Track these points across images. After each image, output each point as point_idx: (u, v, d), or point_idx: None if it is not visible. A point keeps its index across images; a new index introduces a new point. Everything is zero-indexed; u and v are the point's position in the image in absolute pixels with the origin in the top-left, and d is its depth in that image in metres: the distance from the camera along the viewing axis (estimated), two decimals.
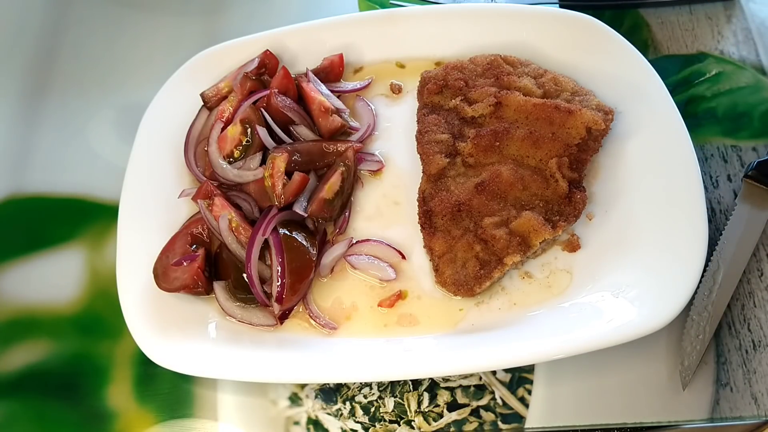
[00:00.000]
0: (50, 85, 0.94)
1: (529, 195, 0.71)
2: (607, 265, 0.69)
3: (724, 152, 0.78)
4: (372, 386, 0.69)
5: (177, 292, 0.71)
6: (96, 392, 0.71)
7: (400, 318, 0.70)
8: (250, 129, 0.78)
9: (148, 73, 0.93)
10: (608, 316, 0.64)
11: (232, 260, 0.73)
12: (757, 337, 0.67)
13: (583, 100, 0.75)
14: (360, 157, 0.78)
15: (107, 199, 0.83)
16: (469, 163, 0.74)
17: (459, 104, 0.77)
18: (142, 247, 0.74)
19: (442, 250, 0.70)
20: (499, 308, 0.69)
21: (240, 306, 0.71)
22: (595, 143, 0.73)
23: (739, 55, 0.85)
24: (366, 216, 0.77)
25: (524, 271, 0.71)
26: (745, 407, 0.65)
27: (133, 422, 0.70)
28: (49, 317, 0.76)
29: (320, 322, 0.70)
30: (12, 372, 0.74)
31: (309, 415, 0.68)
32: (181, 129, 0.82)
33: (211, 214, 0.74)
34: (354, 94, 0.84)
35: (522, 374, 0.68)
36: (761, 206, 0.71)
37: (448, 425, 0.67)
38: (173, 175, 0.80)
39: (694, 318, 0.67)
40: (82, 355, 0.74)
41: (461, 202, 0.71)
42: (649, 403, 0.65)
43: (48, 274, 0.79)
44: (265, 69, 0.83)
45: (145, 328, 0.69)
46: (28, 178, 0.87)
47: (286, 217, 0.73)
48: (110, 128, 0.90)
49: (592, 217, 0.73)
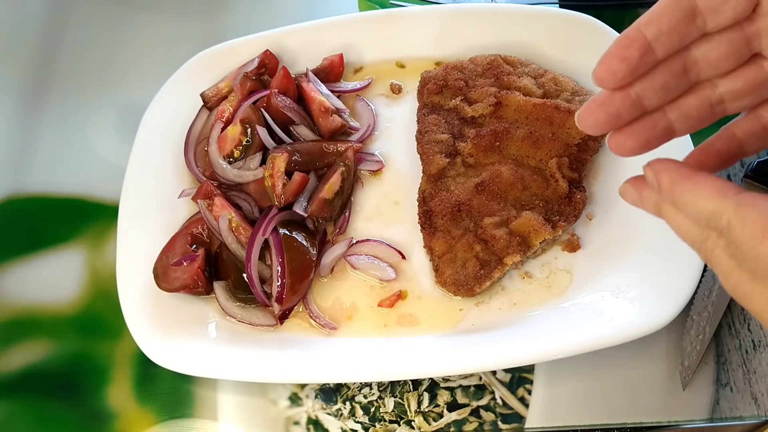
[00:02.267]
0: (50, 84, 0.94)
1: (529, 195, 0.71)
2: (607, 265, 0.69)
3: None
4: (372, 386, 0.69)
5: (177, 292, 0.71)
6: (96, 392, 0.72)
7: (400, 318, 0.70)
8: (250, 129, 0.78)
9: (148, 72, 0.93)
10: (608, 316, 0.64)
11: (232, 260, 0.73)
12: (757, 337, 0.67)
13: (583, 100, 0.75)
14: (360, 157, 0.78)
15: (107, 199, 0.83)
16: (469, 163, 0.74)
17: (459, 104, 0.77)
18: (142, 247, 0.74)
19: (442, 250, 0.70)
20: (499, 308, 0.69)
21: (240, 306, 0.71)
22: (595, 143, 0.74)
23: None
24: (366, 216, 0.77)
25: (524, 271, 0.71)
26: (745, 407, 0.65)
27: (133, 422, 0.70)
28: (49, 317, 0.76)
29: (320, 322, 0.70)
30: (12, 372, 0.74)
31: (309, 415, 0.68)
32: (181, 129, 0.82)
33: (211, 214, 0.74)
34: (354, 94, 0.84)
35: (522, 374, 0.68)
36: None
37: (448, 425, 0.67)
38: (173, 175, 0.80)
39: (694, 318, 0.67)
40: (82, 355, 0.74)
41: (461, 202, 0.71)
42: (649, 403, 0.65)
43: (48, 274, 0.79)
44: (265, 69, 0.83)
45: (145, 328, 0.69)
46: (28, 178, 0.87)
47: (286, 217, 0.74)
48: (110, 128, 0.89)
49: (592, 217, 0.73)
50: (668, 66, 0.48)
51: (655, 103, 0.49)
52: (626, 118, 0.49)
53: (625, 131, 0.50)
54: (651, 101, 0.49)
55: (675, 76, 0.48)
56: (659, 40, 0.46)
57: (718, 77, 0.49)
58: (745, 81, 0.48)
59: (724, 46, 0.47)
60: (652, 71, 0.48)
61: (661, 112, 0.50)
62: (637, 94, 0.48)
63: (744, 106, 0.50)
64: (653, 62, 0.47)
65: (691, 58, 0.48)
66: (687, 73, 0.49)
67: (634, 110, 0.49)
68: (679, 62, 0.48)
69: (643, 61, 0.47)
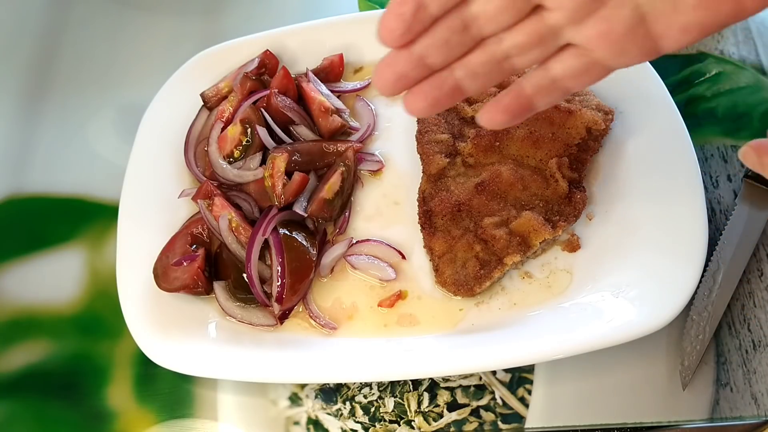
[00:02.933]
0: (50, 84, 0.94)
1: (529, 195, 0.71)
2: (607, 265, 0.69)
3: (724, 152, 0.78)
4: (372, 386, 0.69)
5: (177, 292, 0.71)
6: (96, 392, 0.72)
7: (400, 318, 0.70)
8: (250, 129, 0.78)
9: (148, 72, 0.92)
10: (608, 316, 0.64)
11: (232, 260, 0.73)
12: (757, 337, 0.67)
13: (583, 100, 0.75)
14: (360, 157, 0.78)
15: (107, 199, 0.83)
16: (469, 163, 0.74)
17: (459, 104, 0.77)
18: (142, 247, 0.74)
19: (442, 250, 0.70)
20: (499, 308, 0.69)
21: (240, 306, 0.71)
22: (595, 143, 0.73)
23: (739, 55, 0.85)
24: (366, 216, 0.77)
25: (524, 271, 0.71)
26: (745, 407, 0.65)
27: (133, 422, 0.70)
28: (49, 317, 0.76)
29: (320, 322, 0.70)
30: (12, 372, 0.74)
31: (309, 415, 0.68)
32: (181, 129, 0.82)
33: (211, 214, 0.74)
34: (354, 94, 0.84)
35: (522, 374, 0.68)
36: (761, 206, 0.71)
37: (448, 425, 0.67)
38: (173, 175, 0.80)
39: (694, 318, 0.67)
40: (82, 355, 0.74)
41: (461, 202, 0.71)
42: (649, 403, 0.65)
43: (48, 274, 0.79)
44: (265, 69, 0.83)
45: (145, 328, 0.69)
46: (28, 178, 0.87)
47: (286, 217, 0.74)
48: (110, 128, 0.89)
49: (592, 217, 0.73)
50: (447, 22, 0.47)
51: (440, 61, 0.49)
52: (414, 78, 0.49)
53: (415, 90, 0.50)
54: (435, 59, 0.48)
55: (455, 33, 0.48)
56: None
57: (502, 32, 0.48)
58: (527, 34, 0.47)
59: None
60: (431, 28, 0.48)
61: (449, 70, 0.50)
62: (420, 53, 0.48)
63: (533, 60, 0.49)
64: (429, 19, 0.47)
65: (470, 13, 0.47)
66: (468, 29, 0.48)
67: (420, 69, 0.49)
68: (458, 18, 0.47)
69: (418, 18, 0.46)
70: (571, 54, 0.48)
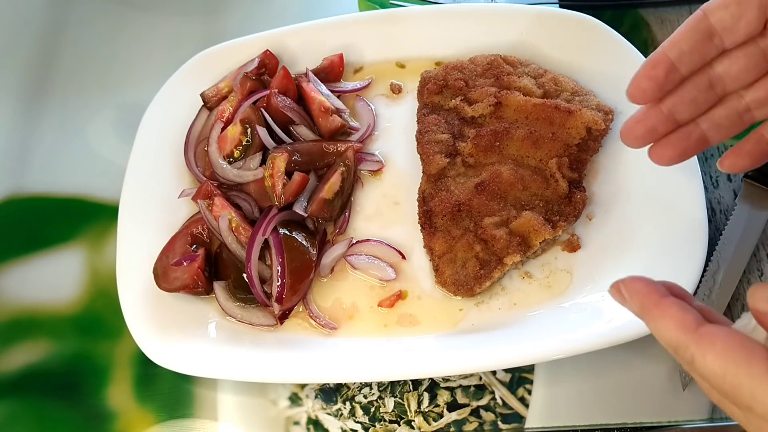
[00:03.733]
0: (50, 84, 0.94)
1: (529, 195, 0.71)
2: (607, 265, 0.69)
3: (723, 152, 0.77)
4: (372, 386, 0.69)
5: (177, 292, 0.71)
6: (96, 392, 0.72)
7: (400, 318, 0.70)
8: (250, 129, 0.78)
9: (148, 72, 0.92)
10: (608, 316, 0.64)
11: (232, 260, 0.73)
12: None
13: (583, 100, 0.75)
14: (360, 157, 0.78)
15: (107, 199, 0.83)
16: (469, 163, 0.74)
17: (459, 104, 0.77)
18: (142, 247, 0.74)
19: (442, 250, 0.70)
20: (499, 308, 0.69)
21: (240, 306, 0.71)
22: (595, 143, 0.74)
23: None
24: (366, 216, 0.77)
25: (524, 271, 0.71)
26: None
27: (133, 422, 0.70)
28: (49, 317, 0.76)
29: (320, 322, 0.70)
30: (12, 372, 0.74)
31: (309, 415, 0.68)
32: (181, 129, 0.82)
33: (211, 214, 0.74)
34: (354, 94, 0.84)
35: (522, 374, 0.68)
36: (761, 206, 0.71)
37: (448, 425, 0.67)
38: (173, 175, 0.80)
39: None
40: (82, 355, 0.74)
41: (461, 202, 0.71)
42: (649, 403, 0.65)
43: (48, 274, 0.79)
44: (265, 69, 0.83)
45: (145, 328, 0.69)
46: (28, 178, 0.87)
47: (286, 217, 0.74)
48: (110, 128, 0.89)
49: (592, 217, 0.73)
50: (694, 82, 0.54)
51: (687, 116, 0.56)
52: (662, 131, 0.56)
53: (663, 142, 0.57)
54: (683, 114, 0.55)
55: (702, 91, 0.54)
56: (682, 60, 0.53)
57: (743, 89, 0.55)
58: (766, 89, 0.54)
59: (743, 60, 0.53)
60: (680, 87, 0.54)
61: (694, 123, 0.56)
62: (669, 109, 0.55)
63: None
64: (679, 79, 0.54)
65: (714, 73, 0.54)
66: (713, 87, 0.54)
67: (668, 124, 0.56)
68: (704, 78, 0.54)
69: (669, 79, 0.53)
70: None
